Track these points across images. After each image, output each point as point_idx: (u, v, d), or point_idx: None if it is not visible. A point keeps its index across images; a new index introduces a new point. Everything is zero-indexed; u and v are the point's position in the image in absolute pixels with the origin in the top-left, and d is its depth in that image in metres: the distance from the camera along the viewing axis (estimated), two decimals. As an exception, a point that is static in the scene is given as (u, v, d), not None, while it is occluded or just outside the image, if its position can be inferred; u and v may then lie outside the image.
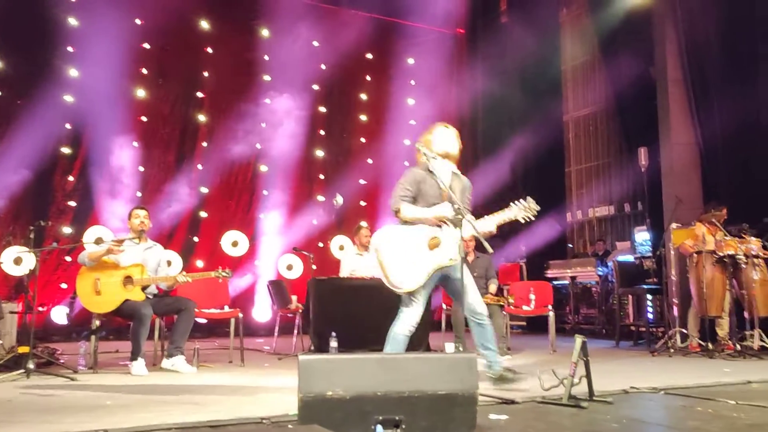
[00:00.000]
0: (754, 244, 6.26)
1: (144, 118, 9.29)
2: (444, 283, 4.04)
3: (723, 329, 6.41)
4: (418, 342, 6.06)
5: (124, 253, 5.17)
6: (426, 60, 11.01)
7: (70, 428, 2.81)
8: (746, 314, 6.21)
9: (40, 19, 8.42)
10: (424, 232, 3.83)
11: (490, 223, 3.88)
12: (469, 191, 4.14)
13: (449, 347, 6.09)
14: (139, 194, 8.98)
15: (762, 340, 6.02)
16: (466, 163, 11.54)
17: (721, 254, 6.27)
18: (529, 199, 3.90)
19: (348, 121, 10.92)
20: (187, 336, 5.22)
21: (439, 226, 3.85)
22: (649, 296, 8.03)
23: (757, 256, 6.23)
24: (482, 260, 6.73)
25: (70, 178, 8.67)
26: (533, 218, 3.92)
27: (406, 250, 3.78)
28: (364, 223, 7.20)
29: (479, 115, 11.72)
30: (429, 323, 6.46)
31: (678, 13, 7.91)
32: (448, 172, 4.02)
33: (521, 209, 3.89)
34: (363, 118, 10.97)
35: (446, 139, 4.07)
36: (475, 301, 3.95)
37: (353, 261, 6.86)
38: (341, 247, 9.92)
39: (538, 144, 10.41)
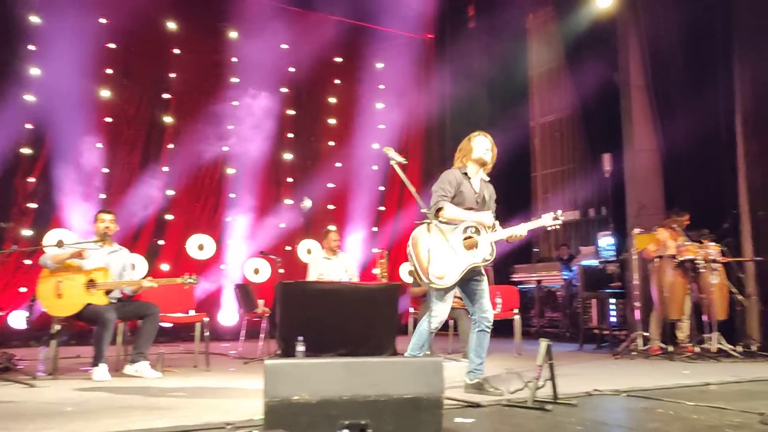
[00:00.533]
0: (713, 249, 6.42)
1: (108, 119, 9.11)
2: (463, 286, 4.19)
3: (683, 332, 6.56)
4: (385, 346, 6.09)
5: (88, 256, 5.07)
6: (395, 64, 11.05)
7: (27, 436, 2.75)
8: (705, 318, 6.37)
9: (1, 16, 8.21)
10: (460, 232, 4.02)
11: (523, 228, 4.12)
12: (494, 199, 4.35)
13: (416, 351, 6.09)
14: (102, 196, 8.81)
15: (720, 343, 6.17)
16: (434, 167, 11.65)
17: (681, 259, 6.42)
18: (558, 211, 4.22)
19: (316, 124, 10.88)
20: (152, 342, 5.15)
21: (476, 229, 4.03)
22: (612, 300, 8.18)
23: (715, 261, 6.38)
24: None
25: (31, 180, 8.45)
26: (559, 227, 4.27)
27: (444, 248, 3.93)
28: (332, 227, 7.18)
29: (447, 119, 11.79)
30: (396, 327, 6.48)
31: (641, 21, 8.08)
32: (478, 178, 4.24)
33: (551, 218, 4.19)
34: (332, 121, 10.95)
35: (484, 147, 4.25)
36: (489, 308, 4.19)
37: (321, 264, 6.84)
38: (309, 251, 9.89)
39: (505, 149, 10.49)
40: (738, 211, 7.13)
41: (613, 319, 8.24)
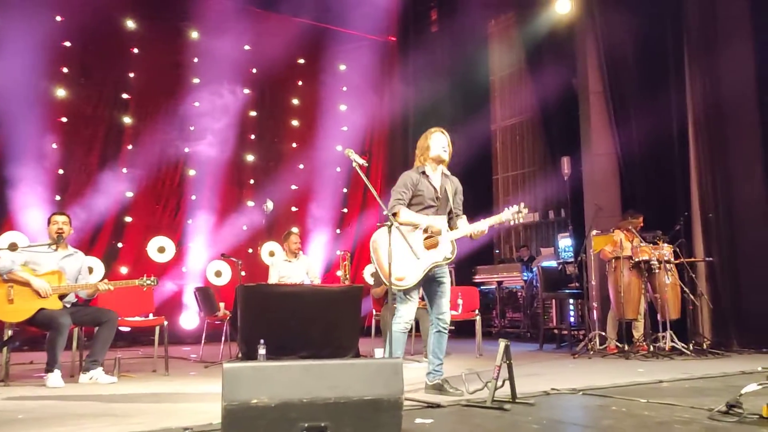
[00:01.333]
0: (666, 250, 6.60)
1: (64, 119, 8.91)
2: (425, 286, 4.20)
3: (638, 331, 6.74)
4: (347, 347, 6.09)
5: (41, 260, 4.95)
6: (358, 66, 11.06)
7: (-23, 445, 2.68)
8: (659, 317, 6.55)
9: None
10: (420, 232, 4.06)
11: (484, 224, 4.13)
12: (460, 193, 4.37)
13: (378, 353, 6.13)
14: (58, 198, 8.60)
15: (673, 341, 6.35)
16: (397, 169, 11.70)
17: (637, 260, 6.59)
18: (521, 204, 4.22)
19: (279, 125, 10.82)
20: (107, 349, 5.04)
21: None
22: (571, 300, 8.34)
23: (669, 262, 6.57)
24: None
25: (-17, 181, 8.22)
26: (522, 221, 4.25)
27: (405, 249, 3.92)
28: (294, 229, 7.15)
29: (410, 121, 11.85)
30: (359, 329, 6.49)
31: (598, 28, 8.26)
32: (438, 175, 4.24)
33: (512, 213, 4.19)
34: (294, 123, 10.91)
35: (440, 145, 4.25)
36: (447, 309, 4.19)
37: (282, 267, 6.81)
38: (272, 253, 9.82)
39: (467, 152, 10.62)
40: (689, 213, 7.35)
41: (572, 319, 8.40)
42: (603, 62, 8.23)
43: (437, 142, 4.25)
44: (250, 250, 9.80)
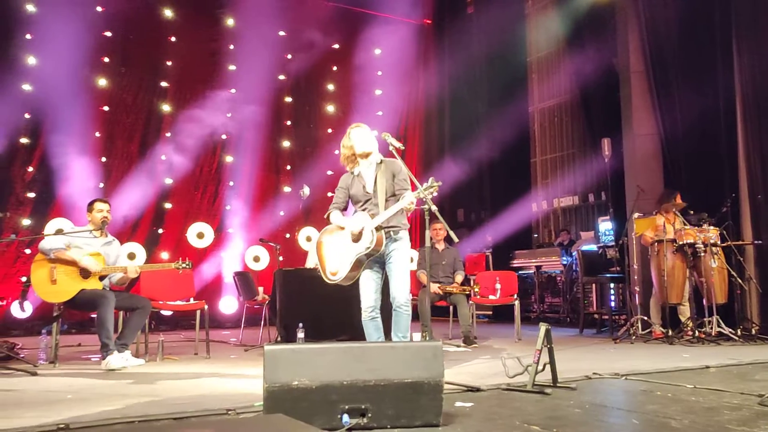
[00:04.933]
0: (712, 233, 6.41)
1: (106, 108, 9.09)
2: (383, 270, 4.32)
3: (684, 315, 6.57)
4: (385, 332, 6.09)
5: (83, 245, 5.06)
6: (393, 50, 10.97)
7: (29, 423, 2.76)
8: (705, 301, 6.38)
9: (-3, 5, 8.17)
10: (351, 228, 4.20)
11: (405, 201, 4.02)
12: (400, 172, 4.28)
13: (416, 336, 6.12)
14: (101, 185, 8.80)
15: (719, 326, 6.19)
16: (433, 152, 11.64)
17: (681, 243, 6.42)
18: (431, 179, 3.93)
19: (314, 111, 10.85)
20: (137, 334, 5.15)
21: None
22: (611, 285, 8.19)
23: (715, 245, 6.38)
24: (450, 251, 6.90)
25: (30, 169, 8.45)
26: (435, 194, 3.94)
27: (337, 245, 4.23)
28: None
29: (446, 105, 11.77)
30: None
31: (640, 6, 8.03)
32: (371, 168, 4.31)
33: (422, 190, 3.87)
34: (330, 108, 10.92)
35: (362, 138, 4.31)
36: (397, 288, 4.20)
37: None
38: (308, 238, 9.89)
39: (504, 134, 10.50)
40: (737, 195, 7.12)
41: (612, 304, 8.26)
42: (646, 40, 8.00)
43: (359, 139, 4.29)
44: (288, 235, 9.90)
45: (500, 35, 10.55)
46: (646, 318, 6.73)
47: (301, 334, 5.37)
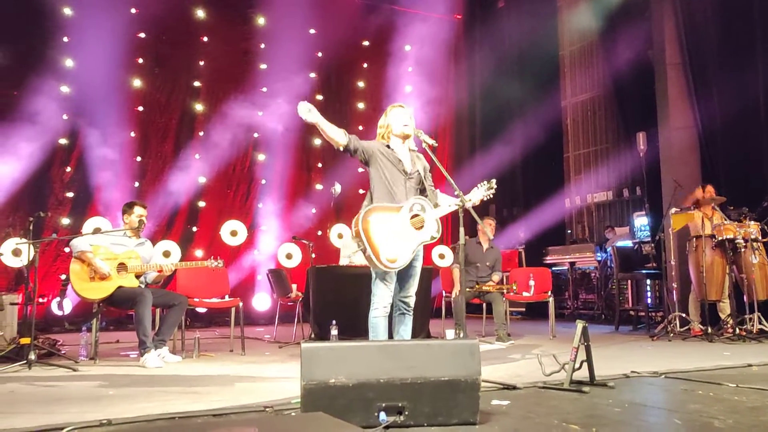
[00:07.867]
0: (753, 227, 6.26)
1: (140, 108, 9.26)
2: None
3: (724, 312, 6.42)
4: (418, 329, 6.09)
5: (118, 245, 5.16)
6: (423, 46, 10.94)
7: (73, 418, 2.81)
8: (745, 298, 6.23)
9: (34, 9, 8.35)
10: (406, 211, 3.85)
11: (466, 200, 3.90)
12: (428, 170, 4.15)
13: (449, 334, 6.11)
14: (137, 184, 8.96)
15: (761, 323, 6.04)
16: (464, 149, 11.57)
17: (720, 238, 6.28)
18: (493, 180, 4.03)
19: (345, 108, 10.87)
20: (174, 330, 5.22)
21: (422, 207, 3.88)
22: (648, 281, 8.05)
23: (756, 240, 6.23)
24: (493, 251, 6.90)
25: (68, 169, 8.65)
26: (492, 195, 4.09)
27: (393, 229, 3.78)
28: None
29: (477, 101, 11.69)
30: (429, 310, 6.48)
31: (676, -4, 7.87)
32: (405, 149, 4.06)
33: (486, 188, 4.04)
34: (360, 105, 10.93)
35: (402, 121, 4.04)
36: (413, 293, 3.99)
37: (352, 249, 6.85)
38: (340, 236, 9.89)
39: (537, 129, 10.39)
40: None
41: (648, 301, 8.13)
42: (682, 32, 7.83)
43: (397, 119, 4.04)
44: (320, 233, 9.94)
45: (531, 29, 10.44)
46: (684, 315, 6.60)
47: (334, 332, 5.39)
